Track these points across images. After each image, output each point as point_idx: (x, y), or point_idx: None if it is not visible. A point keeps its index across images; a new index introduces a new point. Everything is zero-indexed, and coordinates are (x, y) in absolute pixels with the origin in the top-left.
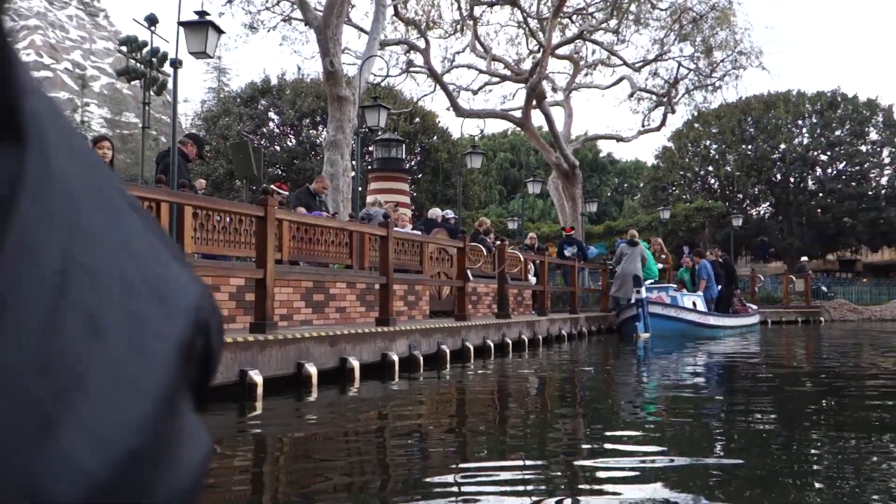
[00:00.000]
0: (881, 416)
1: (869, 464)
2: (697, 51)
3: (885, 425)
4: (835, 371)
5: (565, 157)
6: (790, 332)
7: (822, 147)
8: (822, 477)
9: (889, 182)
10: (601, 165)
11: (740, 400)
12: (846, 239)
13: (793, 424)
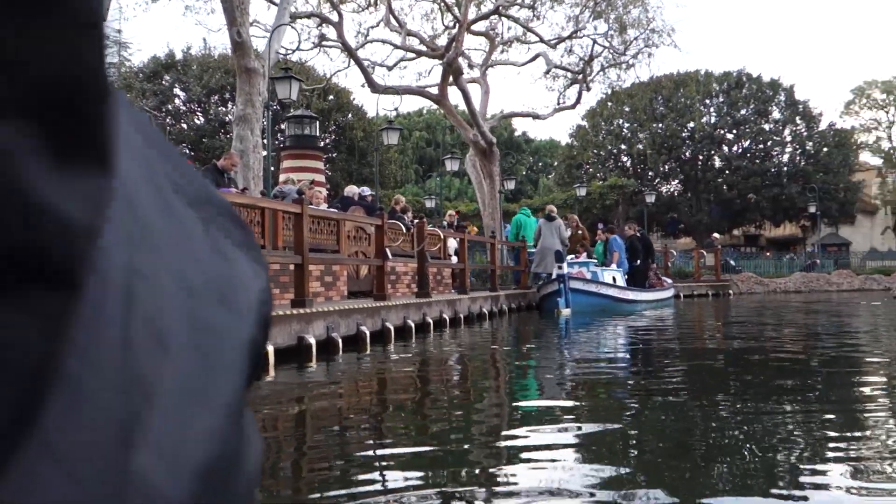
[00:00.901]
0: (786, 382)
1: (773, 426)
2: (611, 28)
3: (788, 390)
4: (745, 341)
5: (482, 134)
6: (702, 304)
7: (729, 125)
8: (732, 443)
9: (790, 159)
10: (516, 144)
11: (657, 372)
12: (751, 214)
13: (706, 393)
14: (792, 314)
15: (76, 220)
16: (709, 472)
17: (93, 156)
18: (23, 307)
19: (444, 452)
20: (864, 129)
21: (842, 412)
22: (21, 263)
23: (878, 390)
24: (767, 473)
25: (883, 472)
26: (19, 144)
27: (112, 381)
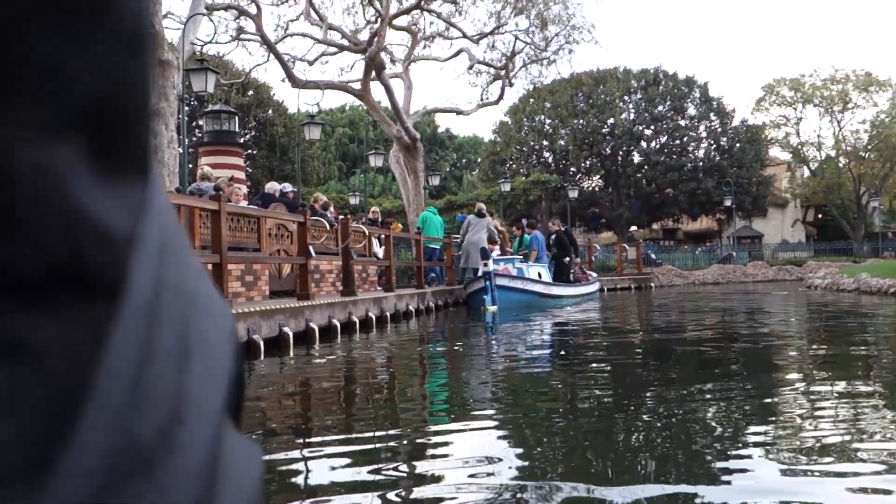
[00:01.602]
0: (708, 370)
1: (694, 413)
2: (533, 25)
3: (710, 377)
4: (668, 332)
5: (406, 129)
6: (626, 297)
7: (647, 122)
8: (654, 431)
9: (706, 154)
10: (440, 140)
11: (582, 365)
12: (669, 209)
13: (630, 382)
14: (712, 305)
15: (118, 229)
16: (633, 460)
17: (135, 166)
18: (67, 314)
19: (367, 451)
20: (774, 125)
21: (760, 397)
22: (68, 273)
23: (794, 375)
24: (689, 459)
25: (799, 451)
26: (69, 162)
27: (135, 397)
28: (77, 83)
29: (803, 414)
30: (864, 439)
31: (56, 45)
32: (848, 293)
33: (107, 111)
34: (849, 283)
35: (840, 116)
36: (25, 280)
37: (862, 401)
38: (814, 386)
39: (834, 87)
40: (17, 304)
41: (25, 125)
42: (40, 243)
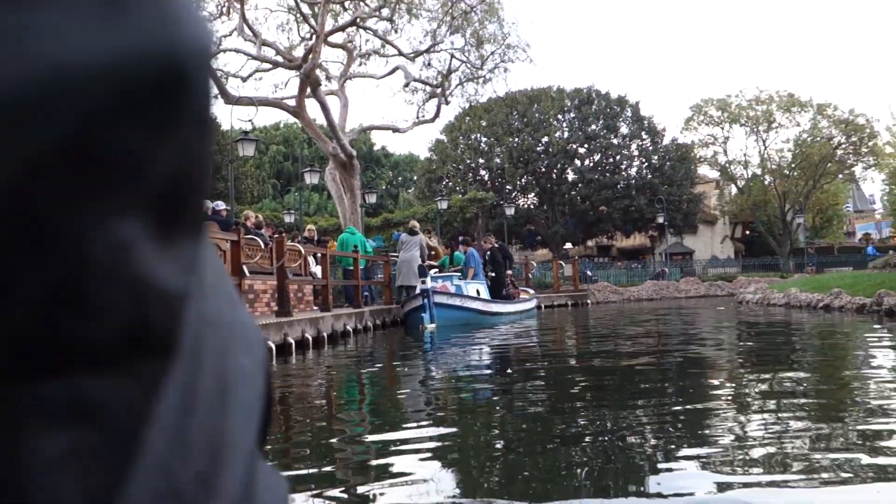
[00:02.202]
0: (644, 384)
1: (630, 425)
2: (468, 43)
3: (646, 391)
4: (605, 348)
5: (342, 146)
6: (563, 314)
7: (581, 140)
8: (589, 443)
9: (638, 172)
10: (376, 158)
11: (522, 383)
12: (603, 226)
13: (571, 401)
14: (649, 321)
15: (175, 289)
16: (570, 474)
17: (191, 225)
18: (129, 377)
19: (301, 484)
20: (703, 143)
21: (695, 412)
22: (130, 339)
23: (725, 387)
24: (625, 473)
25: (733, 460)
26: (139, 236)
27: (179, 443)
28: (153, 170)
29: (736, 427)
30: (795, 449)
31: (138, 139)
32: (778, 308)
33: (176, 189)
34: (779, 297)
35: (765, 136)
36: (95, 348)
37: (793, 412)
38: (749, 399)
39: (759, 107)
40: (88, 370)
41: (105, 212)
42: (113, 313)
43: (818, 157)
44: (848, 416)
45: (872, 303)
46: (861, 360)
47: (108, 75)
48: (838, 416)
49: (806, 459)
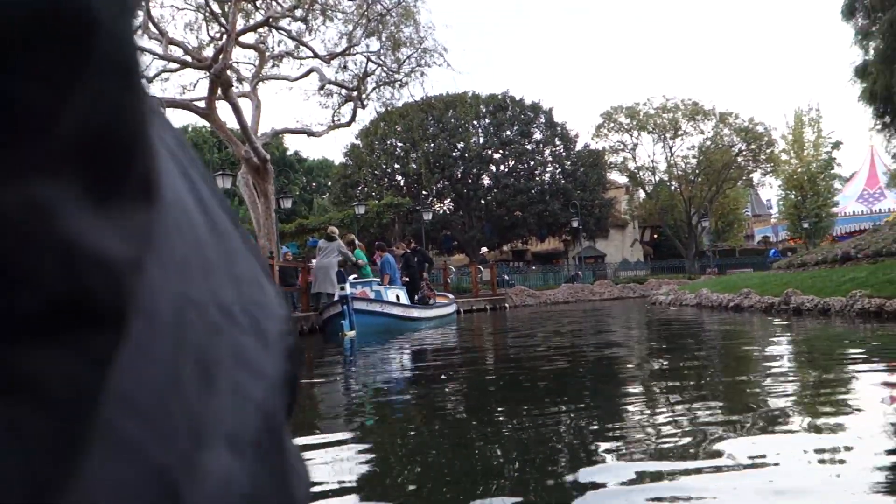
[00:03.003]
0: (562, 385)
1: (548, 427)
2: (384, 46)
3: (567, 391)
4: (524, 350)
5: (255, 150)
6: (482, 318)
7: (496, 145)
8: (508, 446)
9: (551, 178)
10: (289, 163)
11: (442, 388)
12: (519, 230)
13: (492, 402)
14: (565, 322)
15: (119, 258)
16: (487, 471)
17: (134, 190)
18: (70, 350)
19: None
20: (613, 150)
21: (613, 409)
22: (66, 308)
23: (640, 384)
24: (542, 471)
25: (646, 451)
26: (58, 198)
27: (156, 425)
28: (63, 122)
29: (649, 420)
30: (703, 440)
31: (37, 86)
32: (691, 308)
33: (100, 143)
34: (690, 298)
35: (672, 143)
36: (24, 317)
37: (701, 404)
38: (662, 393)
39: (665, 115)
40: (17, 340)
41: (11, 169)
42: (38, 281)
43: (721, 163)
44: (750, 408)
45: (780, 302)
46: (765, 356)
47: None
48: (741, 408)
49: (712, 448)
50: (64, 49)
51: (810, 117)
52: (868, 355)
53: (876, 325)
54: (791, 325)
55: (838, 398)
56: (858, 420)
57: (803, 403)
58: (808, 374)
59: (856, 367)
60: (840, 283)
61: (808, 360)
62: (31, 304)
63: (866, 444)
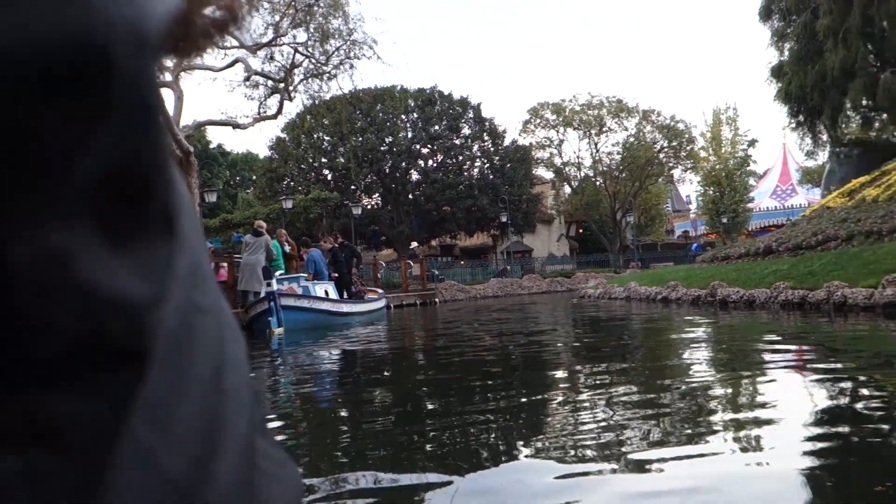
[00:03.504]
0: (493, 377)
1: (478, 417)
2: (312, 38)
3: (496, 384)
4: (453, 344)
5: (178, 142)
6: (413, 313)
7: (424, 140)
8: (435, 434)
9: (480, 173)
10: (212, 157)
11: (372, 382)
12: (447, 225)
13: (423, 396)
14: (495, 317)
15: (138, 298)
16: (411, 465)
17: (156, 225)
18: (90, 394)
19: None
20: (540, 146)
21: (536, 396)
22: (85, 353)
23: (568, 375)
24: (466, 456)
25: (569, 447)
26: (76, 244)
27: (169, 432)
28: (83, 167)
29: (575, 420)
30: (625, 430)
31: (56, 135)
32: (619, 301)
33: (120, 185)
34: (619, 291)
35: (597, 139)
36: (43, 365)
37: (625, 393)
38: (589, 384)
39: (591, 111)
40: (37, 389)
41: (25, 218)
42: (52, 328)
43: (644, 159)
44: (674, 401)
45: (707, 294)
46: (691, 347)
47: (8, 59)
48: (666, 401)
49: (640, 447)
50: (83, 96)
51: (728, 116)
52: (788, 346)
53: (799, 315)
54: (717, 317)
55: (759, 391)
56: (779, 413)
57: (726, 400)
58: (731, 367)
59: (777, 357)
60: (763, 275)
61: (730, 352)
62: (49, 352)
63: (785, 439)
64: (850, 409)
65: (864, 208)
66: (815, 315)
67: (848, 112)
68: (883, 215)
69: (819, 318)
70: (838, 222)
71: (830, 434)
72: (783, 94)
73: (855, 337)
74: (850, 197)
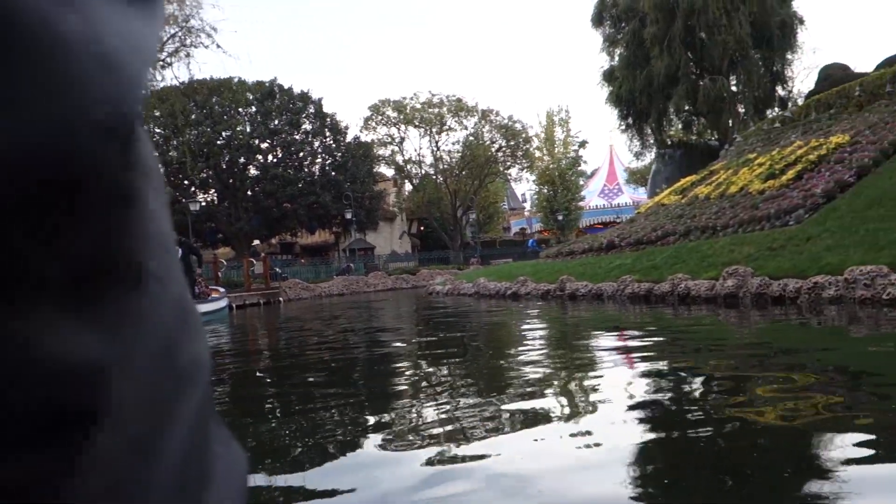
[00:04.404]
0: (344, 375)
1: (321, 415)
2: None
3: (345, 380)
4: (299, 343)
5: None
6: (257, 313)
7: (264, 135)
8: (284, 436)
9: (322, 169)
10: None
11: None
12: (288, 222)
13: (270, 397)
14: (341, 314)
15: (100, 360)
16: (265, 453)
17: (125, 284)
18: (47, 456)
19: None
20: (381, 143)
21: (385, 395)
22: (43, 419)
23: (413, 373)
24: (318, 459)
25: (412, 437)
26: (39, 323)
27: (129, 417)
28: (54, 263)
29: (415, 405)
30: (468, 419)
31: (28, 237)
32: (469, 297)
33: (94, 270)
34: (468, 287)
35: (437, 137)
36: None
37: (469, 387)
38: (433, 379)
39: (431, 110)
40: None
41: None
42: (9, 398)
43: (483, 158)
44: (516, 392)
45: (556, 288)
46: (538, 339)
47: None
48: (508, 392)
49: (483, 434)
50: (55, 199)
51: (560, 117)
52: (627, 337)
53: (645, 306)
54: (565, 310)
55: (593, 381)
56: (607, 398)
57: (562, 387)
58: (571, 358)
59: (612, 346)
60: (609, 269)
61: (570, 343)
62: (5, 420)
63: (614, 424)
64: (678, 398)
65: (698, 205)
66: (661, 306)
67: (672, 115)
68: (716, 212)
69: (664, 309)
70: (675, 218)
71: (654, 418)
72: (614, 97)
73: (692, 325)
74: (682, 195)
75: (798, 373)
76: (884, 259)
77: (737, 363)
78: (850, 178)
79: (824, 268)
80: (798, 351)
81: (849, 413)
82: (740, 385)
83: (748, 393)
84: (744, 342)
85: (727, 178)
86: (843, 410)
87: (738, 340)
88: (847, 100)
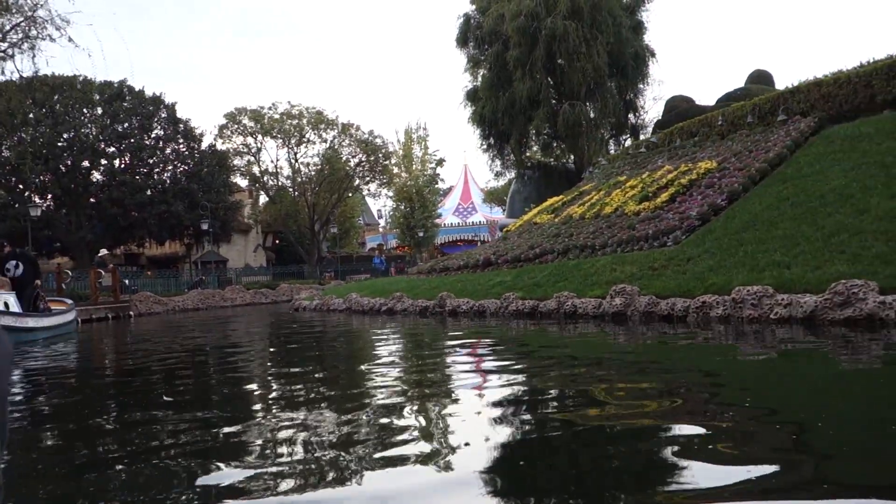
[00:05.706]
0: (188, 398)
1: (174, 435)
2: None
3: (188, 405)
4: (150, 362)
5: None
6: (106, 328)
7: (112, 138)
8: (128, 458)
9: (173, 177)
10: None
11: (52, 407)
12: (137, 231)
13: (105, 422)
14: (196, 331)
15: None
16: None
17: None
18: None
19: None
20: (237, 152)
21: (237, 415)
22: None
23: (272, 393)
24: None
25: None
26: None
27: None
28: None
29: (271, 430)
30: (323, 445)
31: None
32: (340, 313)
33: None
34: (339, 303)
35: (296, 149)
36: None
37: (327, 409)
38: (291, 400)
39: (291, 121)
40: None
41: None
42: None
43: (342, 172)
44: (378, 415)
45: (435, 305)
46: (418, 358)
47: None
48: (370, 414)
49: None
50: None
51: (419, 135)
52: (491, 351)
53: (528, 322)
54: (445, 327)
55: (459, 398)
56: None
57: (428, 405)
58: (440, 374)
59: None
60: (489, 286)
61: (439, 358)
62: None
63: (471, 440)
64: (542, 411)
65: (573, 224)
66: (546, 323)
67: (532, 137)
68: (593, 231)
69: (549, 326)
70: (551, 237)
71: (515, 434)
72: (477, 116)
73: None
74: (555, 214)
75: (660, 382)
76: (767, 280)
77: (608, 374)
78: (721, 201)
79: (710, 287)
80: (670, 363)
81: (690, 416)
82: (592, 398)
83: (601, 403)
84: (626, 359)
85: (600, 199)
86: (684, 414)
87: (620, 357)
88: (710, 128)
